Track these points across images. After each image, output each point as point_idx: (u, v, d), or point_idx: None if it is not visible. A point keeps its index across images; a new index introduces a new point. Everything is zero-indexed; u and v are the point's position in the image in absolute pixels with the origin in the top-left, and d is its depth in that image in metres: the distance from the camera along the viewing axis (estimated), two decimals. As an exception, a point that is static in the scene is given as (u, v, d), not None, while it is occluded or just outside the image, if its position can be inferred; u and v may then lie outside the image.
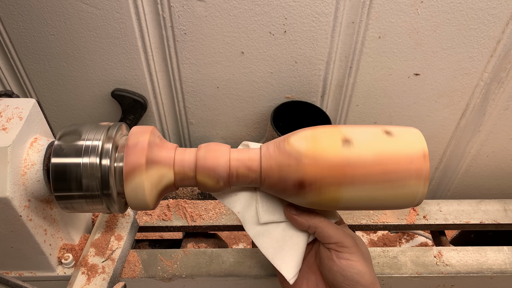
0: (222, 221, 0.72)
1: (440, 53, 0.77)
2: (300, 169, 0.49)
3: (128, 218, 0.68)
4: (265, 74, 0.82)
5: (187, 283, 0.66)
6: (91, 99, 0.87)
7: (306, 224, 0.53)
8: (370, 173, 0.49)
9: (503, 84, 0.80)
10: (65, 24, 0.75)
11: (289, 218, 0.54)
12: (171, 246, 0.80)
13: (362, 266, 0.50)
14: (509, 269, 0.67)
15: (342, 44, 0.77)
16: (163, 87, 0.86)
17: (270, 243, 0.54)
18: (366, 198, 0.51)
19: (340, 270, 0.50)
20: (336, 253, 0.51)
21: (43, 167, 0.53)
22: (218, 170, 0.51)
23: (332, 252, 0.51)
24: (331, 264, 0.51)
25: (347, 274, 0.49)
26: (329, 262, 0.51)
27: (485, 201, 0.78)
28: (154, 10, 0.73)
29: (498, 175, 0.99)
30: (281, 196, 0.54)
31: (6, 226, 0.54)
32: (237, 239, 1.14)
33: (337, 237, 0.51)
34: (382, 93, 0.84)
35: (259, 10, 0.72)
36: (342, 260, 0.50)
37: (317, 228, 0.52)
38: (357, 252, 0.51)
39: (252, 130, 0.93)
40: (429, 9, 0.71)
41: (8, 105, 0.54)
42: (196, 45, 0.77)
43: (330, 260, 0.51)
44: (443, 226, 0.75)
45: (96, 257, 0.62)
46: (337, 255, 0.50)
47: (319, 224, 0.52)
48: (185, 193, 0.87)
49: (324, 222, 0.53)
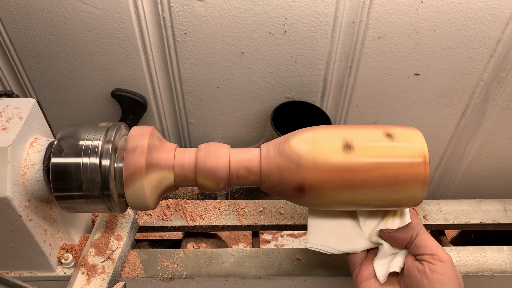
0: (222, 221, 0.72)
1: (440, 53, 0.77)
2: (300, 173, 0.49)
3: (128, 218, 0.68)
4: (265, 74, 0.82)
5: (187, 283, 0.66)
6: (91, 99, 0.87)
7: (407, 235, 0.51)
8: (370, 178, 0.49)
9: (503, 84, 0.80)
10: (65, 24, 0.75)
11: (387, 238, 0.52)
12: (171, 246, 0.80)
13: (454, 286, 0.46)
14: (509, 269, 0.67)
15: (342, 44, 0.77)
16: (163, 87, 0.86)
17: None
18: (366, 200, 0.51)
19: (430, 284, 0.46)
20: (429, 265, 0.47)
21: (43, 167, 0.53)
22: (218, 172, 0.51)
23: (425, 264, 0.48)
24: (421, 276, 0.47)
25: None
26: (419, 274, 0.47)
27: (485, 201, 0.77)
28: (154, 10, 0.73)
29: (498, 175, 0.99)
30: (282, 197, 0.54)
31: (6, 226, 0.54)
32: (237, 239, 1.14)
33: (435, 249, 0.48)
34: (382, 93, 0.84)
35: (259, 10, 0.72)
36: (435, 274, 0.46)
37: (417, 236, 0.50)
38: (452, 270, 0.47)
39: (252, 130, 0.93)
40: (429, 9, 0.71)
41: (8, 105, 0.54)
42: (196, 45, 0.77)
43: (421, 273, 0.47)
44: (443, 226, 0.75)
45: (96, 257, 0.62)
46: (431, 268, 0.47)
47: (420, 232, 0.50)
48: (185, 193, 0.87)
49: (423, 231, 0.51)
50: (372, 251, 0.55)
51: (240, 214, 0.73)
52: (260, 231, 0.75)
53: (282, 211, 0.73)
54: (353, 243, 0.55)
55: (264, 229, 0.73)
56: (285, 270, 0.65)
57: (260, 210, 0.73)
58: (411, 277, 0.48)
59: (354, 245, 0.55)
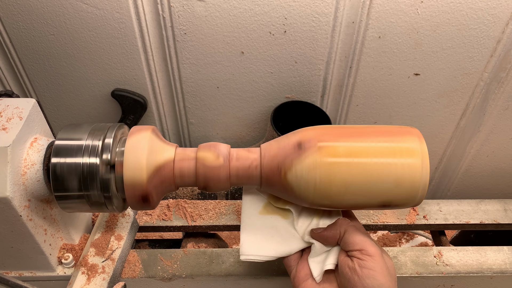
0: (222, 221, 0.72)
1: (440, 53, 0.77)
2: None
3: (128, 218, 0.68)
4: (265, 74, 0.82)
5: (187, 283, 0.66)
6: (91, 99, 0.87)
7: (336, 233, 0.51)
8: (370, 177, 0.49)
9: (503, 84, 0.80)
10: (65, 24, 0.75)
11: (317, 237, 0.53)
12: (171, 246, 0.80)
13: (385, 279, 0.47)
14: (509, 269, 0.67)
15: (342, 44, 0.77)
16: (163, 87, 0.86)
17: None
18: (365, 200, 0.51)
19: (361, 281, 0.46)
20: (358, 261, 0.48)
21: (43, 167, 0.53)
22: (218, 172, 0.51)
23: (355, 260, 0.48)
24: (351, 273, 0.48)
25: (368, 285, 0.46)
26: (350, 271, 0.48)
27: (485, 201, 0.78)
28: (154, 10, 0.73)
29: (498, 175, 0.99)
30: (281, 197, 0.54)
31: (6, 226, 0.54)
32: (237, 239, 1.14)
33: (362, 244, 0.49)
34: (382, 93, 0.84)
35: (259, 10, 0.72)
36: (364, 270, 0.47)
37: (345, 232, 0.51)
38: (381, 263, 0.48)
39: (252, 130, 0.93)
40: (429, 9, 0.71)
41: (8, 105, 0.54)
42: (196, 45, 0.77)
43: (351, 270, 0.48)
44: (443, 226, 0.75)
45: (96, 257, 0.62)
46: (360, 264, 0.47)
47: (348, 228, 0.51)
48: (185, 193, 0.87)
49: (351, 226, 0.51)
50: (307, 249, 0.55)
51: (240, 214, 0.73)
52: (260, 231, 0.75)
53: (282, 211, 0.73)
54: (287, 245, 0.55)
55: (264, 229, 0.73)
56: (285, 270, 0.65)
57: (260, 210, 0.73)
58: (343, 275, 0.49)
59: (288, 247, 0.55)
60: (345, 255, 0.50)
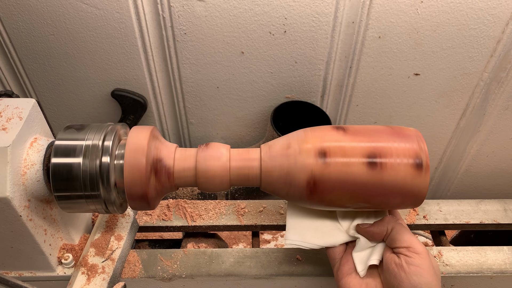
0: (222, 221, 0.72)
1: (440, 53, 0.77)
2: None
3: (128, 218, 0.68)
4: (265, 74, 0.82)
5: (187, 283, 0.66)
6: (91, 99, 0.87)
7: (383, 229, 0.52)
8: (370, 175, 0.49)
9: (503, 84, 0.80)
10: (65, 24, 0.75)
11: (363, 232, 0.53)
12: (171, 246, 0.80)
13: (432, 278, 0.47)
14: (509, 269, 0.67)
15: (342, 44, 0.77)
16: (163, 87, 0.86)
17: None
18: (365, 200, 0.51)
19: (408, 277, 0.47)
20: (406, 258, 0.48)
21: (43, 167, 0.53)
22: (218, 172, 0.51)
23: (402, 257, 0.48)
24: (398, 270, 0.48)
25: (414, 281, 0.46)
26: (396, 267, 0.48)
27: (485, 201, 0.77)
28: (154, 10, 0.73)
29: (498, 175, 0.99)
30: (281, 197, 0.54)
31: (6, 226, 0.54)
32: (237, 239, 1.14)
33: (410, 241, 0.49)
34: (382, 93, 0.84)
35: (259, 10, 0.72)
36: (412, 267, 0.47)
37: (393, 230, 0.51)
38: (428, 261, 0.48)
39: (252, 130, 0.93)
40: (429, 9, 0.71)
41: (8, 105, 0.54)
42: (196, 45, 0.77)
43: (398, 266, 0.48)
44: (443, 226, 0.75)
45: (96, 257, 0.62)
46: (407, 261, 0.48)
47: (395, 226, 0.51)
48: (185, 193, 0.87)
49: (399, 224, 0.51)
50: (351, 244, 0.56)
51: (240, 214, 0.73)
52: (260, 231, 0.75)
53: (282, 211, 0.73)
54: (331, 237, 0.56)
55: (264, 229, 0.73)
56: (285, 270, 0.65)
57: (260, 210, 0.73)
58: (389, 271, 0.49)
59: (333, 238, 0.56)
60: (391, 251, 0.51)
